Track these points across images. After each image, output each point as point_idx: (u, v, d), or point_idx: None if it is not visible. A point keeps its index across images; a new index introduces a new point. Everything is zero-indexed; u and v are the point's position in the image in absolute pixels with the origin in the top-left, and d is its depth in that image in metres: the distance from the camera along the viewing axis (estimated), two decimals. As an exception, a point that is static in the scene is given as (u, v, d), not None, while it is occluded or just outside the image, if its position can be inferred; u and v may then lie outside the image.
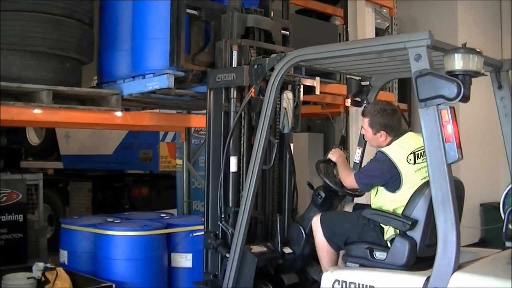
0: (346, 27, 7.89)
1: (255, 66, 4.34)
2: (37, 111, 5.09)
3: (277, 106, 4.49)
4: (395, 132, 4.09)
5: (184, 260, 5.81)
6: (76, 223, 6.07)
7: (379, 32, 8.67)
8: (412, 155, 3.87)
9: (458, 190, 3.90)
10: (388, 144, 4.07)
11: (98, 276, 5.50)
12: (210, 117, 4.70)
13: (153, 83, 5.03)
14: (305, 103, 8.11)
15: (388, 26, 8.93)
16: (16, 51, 4.81)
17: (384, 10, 8.94)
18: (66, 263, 5.93)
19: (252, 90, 4.35)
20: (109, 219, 6.05)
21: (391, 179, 3.89)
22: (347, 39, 7.67)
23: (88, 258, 5.81)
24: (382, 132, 4.11)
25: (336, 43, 3.95)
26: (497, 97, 4.22)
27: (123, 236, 5.57)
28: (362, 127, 4.30)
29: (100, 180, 10.34)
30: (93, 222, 5.96)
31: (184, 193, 7.61)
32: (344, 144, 7.77)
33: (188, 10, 4.82)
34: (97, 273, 5.57)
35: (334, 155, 4.43)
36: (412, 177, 3.83)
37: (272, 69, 4.20)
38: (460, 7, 9.65)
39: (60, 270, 5.40)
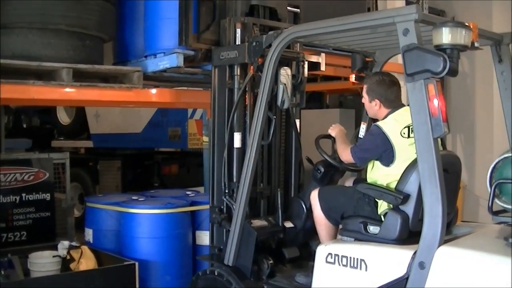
0: (376, 2, 7.71)
1: (253, 43, 4.40)
2: (59, 89, 5.07)
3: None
4: (391, 104, 4.07)
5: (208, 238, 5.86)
6: (101, 202, 6.14)
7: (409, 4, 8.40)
8: (407, 129, 3.87)
9: (453, 165, 3.94)
10: (384, 117, 4.08)
11: (122, 254, 5.56)
12: (215, 94, 4.77)
13: (163, 62, 5.14)
14: (335, 78, 8.15)
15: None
16: (36, 29, 4.86)
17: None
18: (91, 241, 6.01)
19: (251, 67, 4.40)
20: (134, 197, 6.09)
21: (385, 152, 3.90)
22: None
23: (113, 236, 5.87)
24: (376, 100, 4.11)
25: (329, 19, 3.92)
26: (498, 71, 4.18)
27: (146, 214, 5.60)
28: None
29: (129, 158, 10.45)
30: (118, 200, 6.00)
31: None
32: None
33: (196, -11, 4.88)
34: (122, 251, 5.63)
35: (334, 130, 4.44)
36: (405, 151, 3.84)
37: (269, 46, 4.24)
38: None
39: (85, 248, 5.48)
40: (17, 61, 4.64)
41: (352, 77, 4.83)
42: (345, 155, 4.18)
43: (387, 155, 3.90)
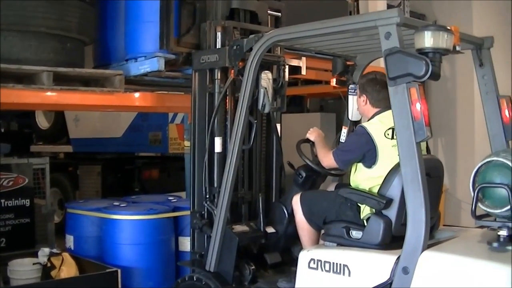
0: (357, 4, 7.70)
1: (234, 47, 4.36)
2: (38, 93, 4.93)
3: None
4: (378, 104, 4.05)
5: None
6: (82, 208, 6.04)
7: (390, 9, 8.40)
8: (391, 130, 3.84)
9: (435, 169, 3.94)
10: (371, 118, 4.08)
11: (104, 261, 5.48)
12: (195, 98, 4.73)
13: (144, 66, 5.07)
14: (316, 82, 8.11)
15: (400, 3, 8.77)
16: (16, 31, 4.71)
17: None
18: (72, 248, 5.91)
19: (232, 71, 4.37)
20: (115, 203, 5.99)
21: (368, 152, 3.88)
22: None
23: (94, 243, 5.78)
24: (364, 96, 4.13)
25: (310, 23, 3.90)
26: (479, 75, 4.18)
27: (128, 220, 5.53)
28: None
29: (109, 163, 10.34)
30: (99, 206, 5.91)
31: (192, 175, 7.58)
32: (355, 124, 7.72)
33: (176, -7, 4.84)
34: (103, 258, 5.55)
35: (312, 134, 4.42)
36: (388, 152, 3.81)
37: (250, 50, 4.21)
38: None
39: (66, 255, 5.40)
40: (-3, 64, 4.53)
41: (333, 81, 4.84)
42: (327, 160, 4.15)
43: (370, 156, 3.89)
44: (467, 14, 9.05)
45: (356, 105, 4.52)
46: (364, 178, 3.95)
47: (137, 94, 5.62)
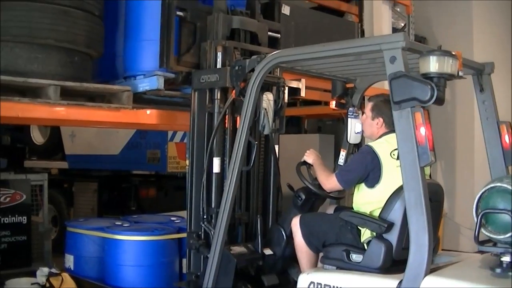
0: (361, 25, 7.70)
1: (236, 67, 4.35)
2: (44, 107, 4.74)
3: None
4: (390, 126, 3.98)
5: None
6: (83, 226, 5.94)
7: (395, 31, 8.34)
8: (397, 151, 3.84)
9: (436, 194, 3.93)
10: (377, 138, 4.09)
11: (106, 282, 5.38)
12: (194, 118, 4.71)
13: (143, 84, 5.05)
14: (315, 103, 8.10)
15: (405, 25, 8.79)
16: (22, 43, 4.54)
17: (398, 9, 8.81)
18: (72, 268, 5.81)
19: (233, 91, 4.36)
20: (117, 222, 5.89)
21: (373, 170, 3.87)
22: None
23: (96, 264, 5.68)
24: (380, 119, 4.11)
25: (314, 45, 3.91)
26: (479, 100, 4.20)
27: (133, 241, 5.44)
28: (364, 113, 4.30)
29: (106, 180, 10.18)
30: (101, 225, 5.81)
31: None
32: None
33: (178, 12, 4.82)
34: (105, 280, 5.45)
35: (310, 157, 4.39)
36: (392, 172, 3.79)
37: (252, 70, 4.20)
38: (475, 7, 9.55)
39: (66, 275, 5.25)
40: (1, 76, 4.33)
41: (333, 104, 4.83)
42: (330, 183, 4.12)
43: (373, 175, 3.88)
44: (468, 38, 9.10)
45: (355, 128, 4.52)
46: (365, 201, 3.94)
47: (148, 111, 5.50)
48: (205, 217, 4.55)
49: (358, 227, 3.91)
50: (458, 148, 9.34)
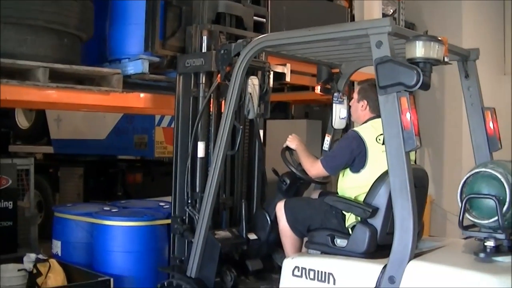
0: (351, 10, 7.64)
1: (222, 52, 4.33)
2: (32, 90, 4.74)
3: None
4: (375, 110, 3.96)
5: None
6: (71, 212, 5.81)
7: (385, 17, 8.06)
8: (382, 136, 3.84)
9: (421, 179, 3.94)
10: (363, 123, 4.08)
11: (94, 268, 5.25)
12: (179, 102, 4.70)
13: (128, 68, 5.00)
14: (302, 88, 8.08)
15: (395, 11, 8.76)
16: (11, 24, 4.43)
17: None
18: (60, 254, 5.67)
19: (218, 75, 4.34)
20: (105, 208, 5.78)
21: (358, 156, 3.86)
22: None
23: (84, 249, 5.56)
24: (364, 101, 4.10)
25: (300, 30, 3.89)
26: (464, 86, 4.21)
27: (122, 227, 5.33)
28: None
29: (92, 165, 10.05)
30: (89, 210, 5.69)
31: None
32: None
33: (163, -4, 4.78)
34: (93, 266, 5.33)
35: (292, 142, 4.36)
36: (378, 157, 3.78)
37: (238, 55, 4.18)
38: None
39: (53, 262, 5.14)
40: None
41: (318, 89, 4.82)
42: (315, 169, 4.11)
43: (359, 160, 3.87)
44: (457, 24, 9.08)
45: (340, 113, 4.52)
46: (350, 186, 3.94)
47: (142, 95, 5.46)
48: (189, 201, 4.54)
49: (343, 212, 3.91)
50: (446, 135, 9.36)
